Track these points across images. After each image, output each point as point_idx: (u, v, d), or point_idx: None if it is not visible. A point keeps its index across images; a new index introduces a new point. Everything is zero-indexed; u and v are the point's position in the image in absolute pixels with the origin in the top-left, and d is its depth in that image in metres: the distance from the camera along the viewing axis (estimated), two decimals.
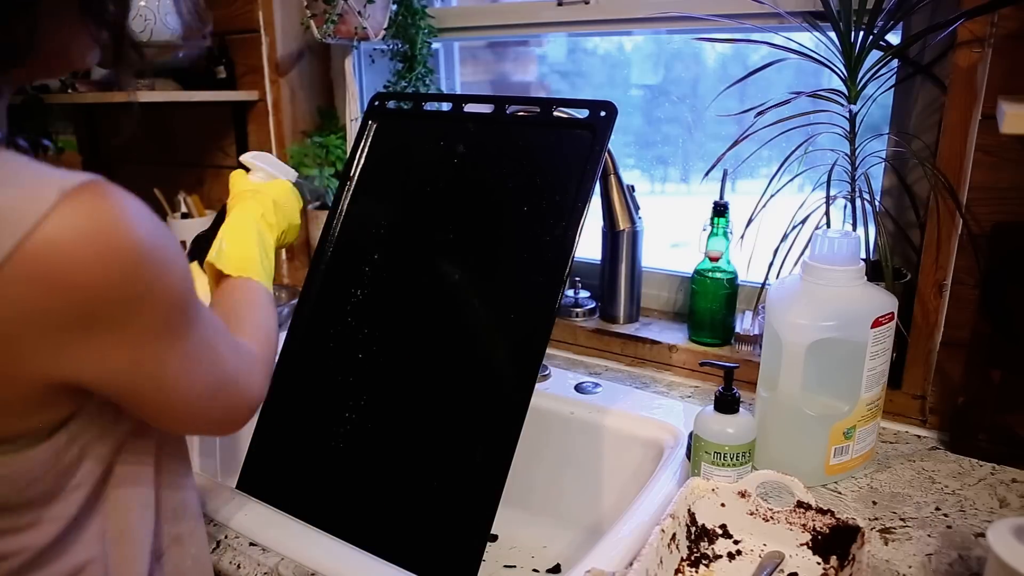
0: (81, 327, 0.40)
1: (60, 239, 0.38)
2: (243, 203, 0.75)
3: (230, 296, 0.67)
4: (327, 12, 1.17)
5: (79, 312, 0.40)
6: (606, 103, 0.77)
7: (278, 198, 0.77)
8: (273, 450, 0.85)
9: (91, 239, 0.39)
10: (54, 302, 0.39)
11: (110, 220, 0.40)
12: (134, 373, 0.45)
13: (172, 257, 0.44)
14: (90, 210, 0.39)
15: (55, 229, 0.38)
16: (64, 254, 0.38)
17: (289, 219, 0.78)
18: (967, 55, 0.75)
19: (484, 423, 0.72)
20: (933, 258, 0.82)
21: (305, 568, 0.65)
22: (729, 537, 0.67)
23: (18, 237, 0.37)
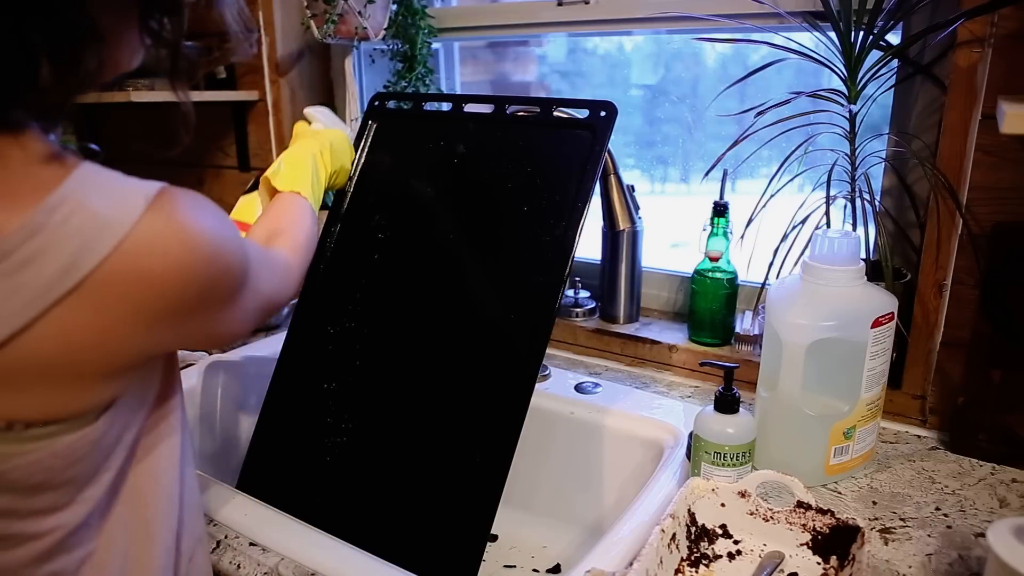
0: (170, 313, 0.46)
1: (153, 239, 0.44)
2: (303, 141, 0.83)
3: (278, 208, 0.74)
4: (327, 12, 1.17)
5: (171, 302, 0.46)
6: (606, 103, 0.77)
7: (334, 142, 0.84)
8: (273, 450, 0.85)
9: (174, 244, 0.45)
10: (150, 295, 0.44)
11: (189, 222, 0.46)
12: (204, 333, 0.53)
13: (234, 241, 0.51)
14: (170, 214, 0.45)
15: (147, 231, 0.43)
16: (156, 253, 0.44)
17: (341, 161, 0.86)
18: (967, 55, 0.75)
19: (484, 423, 0.73)
20: (933, 258, 0.82)
21: (305, 568, 0.65)
22: (729, 537, 0.67)
23: (118, 238, 0.42)
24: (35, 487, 0.47)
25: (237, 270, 0.51)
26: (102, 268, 0.42)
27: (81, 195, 0.43)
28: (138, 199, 0.44)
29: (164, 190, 0.45)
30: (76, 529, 0.50)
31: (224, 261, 0.49)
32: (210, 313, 0.50)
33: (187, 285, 0.46)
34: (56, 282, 0.41)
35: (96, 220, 0.42)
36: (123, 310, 0.44)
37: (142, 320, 0.45)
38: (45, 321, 0.41)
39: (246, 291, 0.54)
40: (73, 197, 0.42)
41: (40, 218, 0.41)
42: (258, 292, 0.57)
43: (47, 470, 0.46)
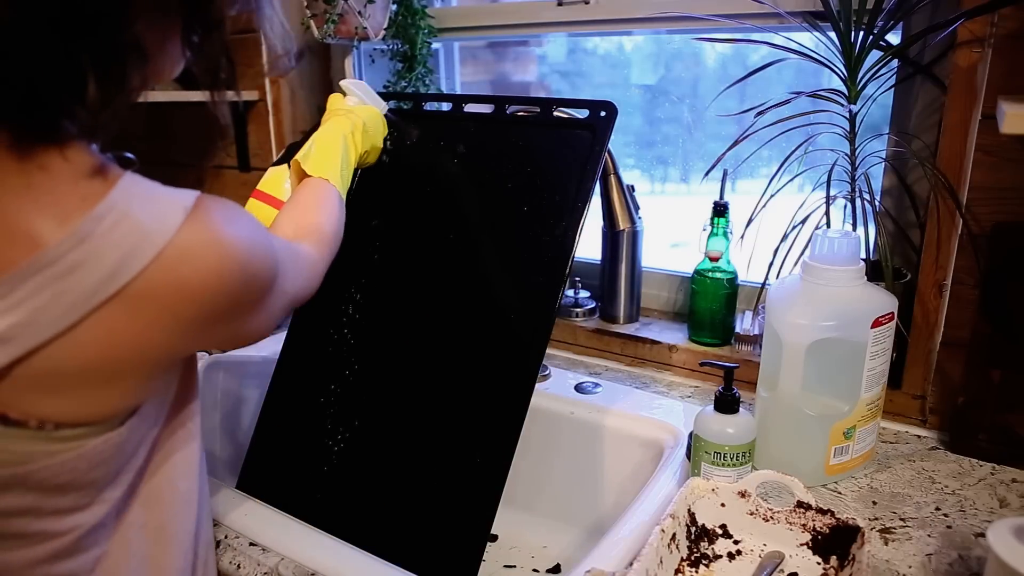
0: (204, 319, 0.48)
1: (191, 247, 0.45)
2: (335, 118, 0.82)
3: (306, 197, 0.75)
4: (327, 12, 1.17)
5: (205, 309, 0.47)
6: (606, 103, 0.77)
7: (367, 120, 0.84)
8: (273, 450, 0.85)
9: (213, 249, 0.46)
10: (186, 302, 0.46)
11: (222, 232, 0.47)
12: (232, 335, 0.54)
13: (265, 248, 0.52)
14: (206, 225, 0.46)
15: (184, 242, 0.45)
16: (193, 262, 0.45)
17: (373, 141, 0.85)
18: (967, 55, 0.75)
19: (484, 423, 0.73)
20: (933, 258, 0.82)
21: (305, 568, 0.65)
22: (729, 537, 0.67)
23: (159, 247, 0.44)
24: (60, 487, 0.48)
25: (266, 276, 0.52)
26: (143, 276, 0.43)
27: (125, 205, 0.44)
28: (177, 210, 0.45)
29: (200, 200, 0.47)
30: (92, 529, 0.51)
31: (254, 268, 0.50)
32: (240, 317, 0.52)
33: (220, 293, 0.47)
34: (99, 288, 0.43)
35: (139, 230, 0.44)
36: (160, 316, 0.45)
37: (178, 326, 0.46)
38: (86, 325, 0.43)
39: (274, 293, 0.55)
40: (119, 207, 0.44)
41: (89, 226, 0.43)
42: (284, 292, 0.58)
43: (72, 471, 0.47)
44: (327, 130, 0.80)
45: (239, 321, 0.52)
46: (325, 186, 0.75)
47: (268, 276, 0.52)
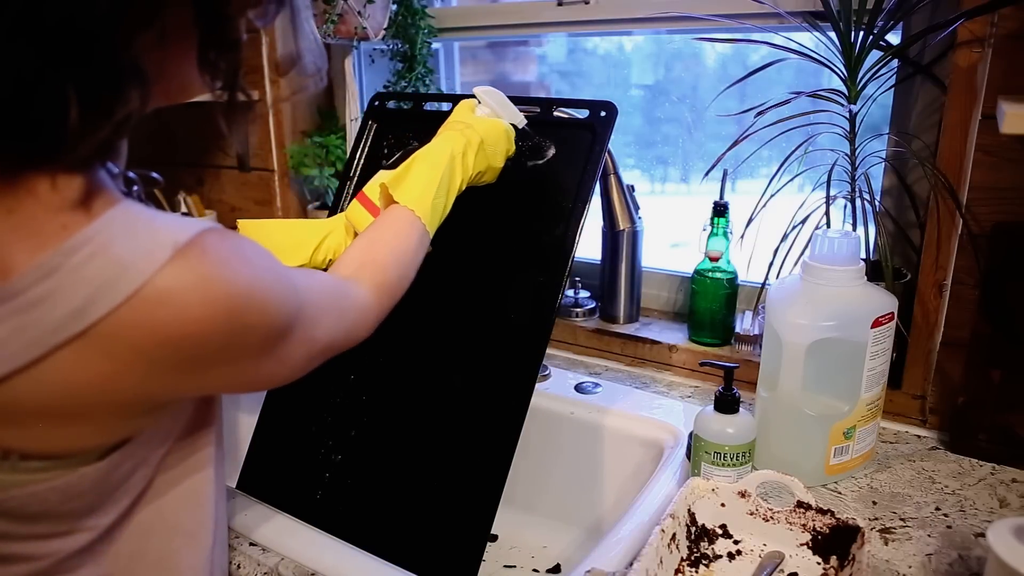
0: (185, 367, 0.44)
1: (170, 290, 0.41)
2: (449, 133, 0.74)
3: (383, 226, 0.67)
4: (327, 12, 1.17)
5: (185, 356, 0.43)
6: (606, 103, 0.77)
7: (487, 137, 0.75)
8: (273, 450, 0.85)
9: (197, 292, 0.42)
10: (162, 348, 0.42)
11: (214, 275, 0.43)
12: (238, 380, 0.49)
13: (272, 291, 0.47)
14: (197, 265, 0.42)
15: (166, 282, 0.41)
16: (173, 304, 0.41)
17: (490, 161, 0.75)
18: (967, 55, 0.75)
19: (484, 423, 0.73)
20: (933, 258, 0.82)
21: (305, 568, 0.65)
22: (729, 537, 0.67)
23: (135, 286, 0.40)
24: (32, 516, 0.46)
25: (273, 322, 0.47)
26: (114, 316, 0.40)
27: (106, 239, 0.41)
28: (165, 246, 0.42)
29: (200, 236, 0.43)
30: (74, 555, 0.49)
31: (250, 318, 0.45)
32: (239, 364, 0.47)
33: (205, 340, 0.43)
34: (63, 325, 0.40)
35: (115, 266, 0.41)
36: (132, 359, 0.42)
37: (153, 371, 0.43)
38: (48, 363, 0.41)
39: (291, 341, 0.50)
40: (97, 240, 0.41)
41: (57, 259, 0.40)
42: (312, 340, 0.53)
43: (43, 502, 0.46)
44: (432, 149, 0.71)
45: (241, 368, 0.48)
46: (408, 219, 0.67)
47: (274, 322, 0.47)
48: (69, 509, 0.47)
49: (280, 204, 1.42)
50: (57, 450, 0.45)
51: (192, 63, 0.47)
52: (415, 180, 0.68)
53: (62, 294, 0.40)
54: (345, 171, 0.91)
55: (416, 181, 0.68)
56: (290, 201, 1.42)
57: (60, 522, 0.48)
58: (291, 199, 1.42)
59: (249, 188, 1.46)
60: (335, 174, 1.33)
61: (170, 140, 1.56)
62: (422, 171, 0.69)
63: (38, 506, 0.46)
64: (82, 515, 0.48)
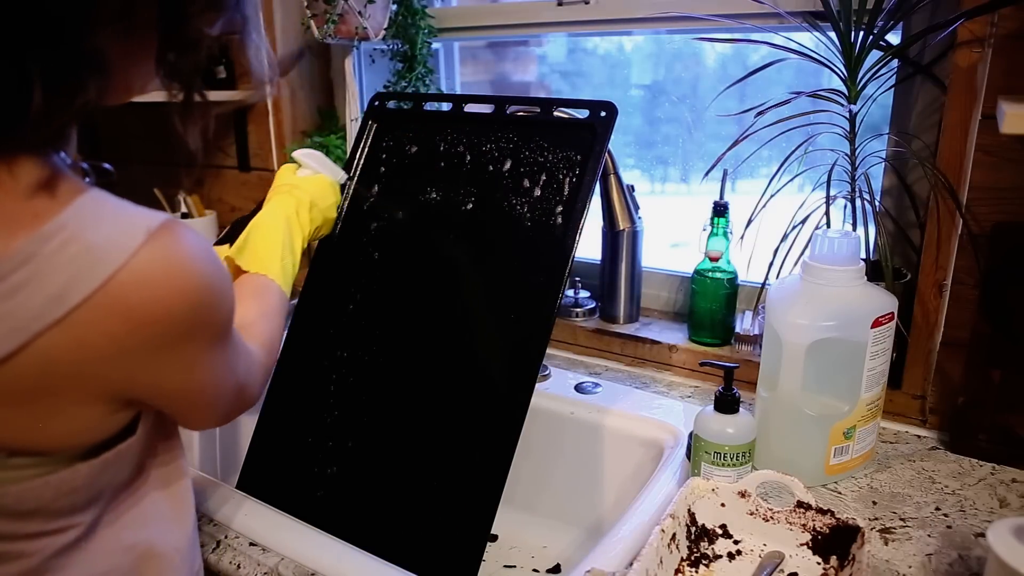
0: (155, 350, 0.45)
1: (145, 274, 0.43)
2: (279, 197, 0.78)
3: (243, 293, 0.69)
4: (327, 12, 1.17)
5: (156, 338, 0.45)
6: (606, 103, 0.77)
7: (315, 194, 0.80)
8: (273, 450, 0.85)
9: (170, 275, 0.44)
10: (137, 330, 0.43)
11: (185, 258, 0.45)
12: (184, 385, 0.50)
13: (226, 287, 0.49)
14: (169, 249, 0.44)
15: (141, 265, 0.42)
16: (147, 288, 0.43)
17: (324, 215, 0.82)
18: (967, 55, 0.75)
19: (484, 423, 0.73)
20: (933, 258, 0.82)
21: (305, 568, 0.65)
22: (729, 537, 0.67)
23: (110, 271, 0.41)
24: (26, 513, 0.47)
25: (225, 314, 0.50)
26: (90, 302, 0.41)
27: (78, 225, 0.42)
28: (137, 231, 0.43)
29: (168, 223, 0.44)
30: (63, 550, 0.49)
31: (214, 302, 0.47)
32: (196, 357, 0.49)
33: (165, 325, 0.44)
34: (43, 312, 0.40)
35: (91, 252, 0.41)
36: (104, 344, 0.43)
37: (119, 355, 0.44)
38: (28, 351, 0.41)
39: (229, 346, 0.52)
40: (71, 227, 0.42)
41: (33, 247, 0.41)
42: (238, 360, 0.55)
43: (38, 498, 0.46)
44: (267, 216, 0.75)
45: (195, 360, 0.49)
46: (263, 283, 0.71)
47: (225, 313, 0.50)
48: (62, 506, 0.48)
49: None
50: (41, 446, 0.45)
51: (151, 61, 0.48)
52: (257, 247, 0.73)
53: (40, 281, 0.40)
54: (345, 171, 0.91)
55: (258, 247, 0.72)
56: None
57: (53, 519, 0.48)
58: None
59: (249, 188, 1.46)
60: None
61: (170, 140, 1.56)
62: (262, 237, 0.73)
63: (33, 502, 0.46)
64: (74, 512, 0.49)
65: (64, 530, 0.49)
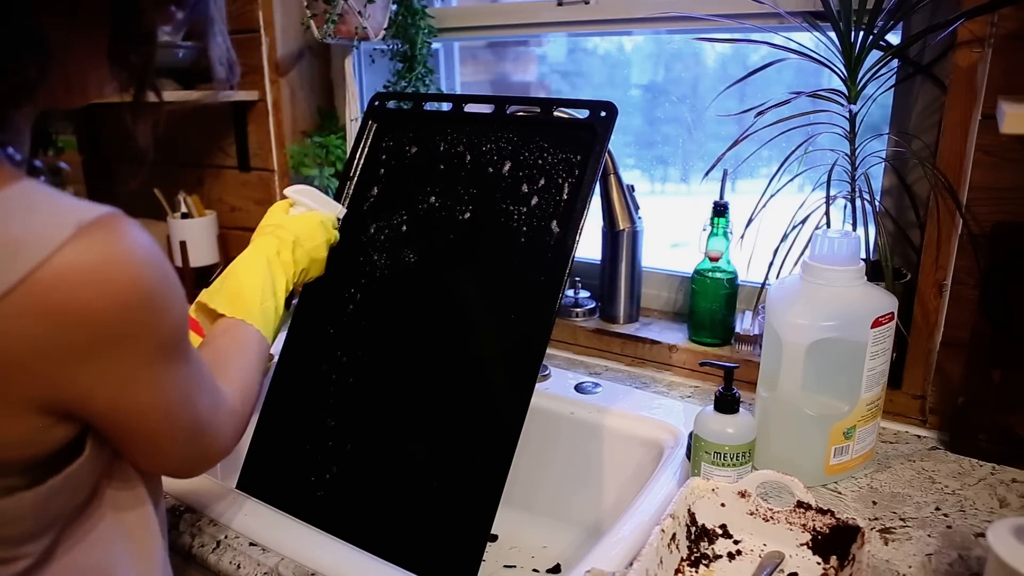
0: (79, 356, 0.41)
1: (69, 271, 0.39)
2: (261, 239, 0.75)
3: (220, 338, 0.66)
4: (327, 12, 1.17)
5: (79, 343, 0.41)
6: (606, 103, 0.77)
7: (301, 233, 0.76)
8: (273, 450, 0.85)
9: (99, 274, 0.40)
10: (57, 332, 0.39)
11: (119, 257, 0.40)
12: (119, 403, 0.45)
13: (172, 296, 0.45)
14: (102, 246, 0.40)
15: (65, 261, 0.38)
16: (71, 286, 0.39)
17: (311, 255, 0.78)
18: (967, 55, 0.75)
19: (484, 423, 0.72)
20: (933, 258, 0.82)
21: (305, 568, 0.65)
22: (729, 537, 0.67)
23: (30, 266, 0.38)
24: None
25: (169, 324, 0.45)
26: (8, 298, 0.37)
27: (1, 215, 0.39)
28: (67, 225, 0.39)
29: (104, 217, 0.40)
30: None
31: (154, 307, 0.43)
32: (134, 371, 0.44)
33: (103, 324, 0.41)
34: None
35: (10, 244, 0.38)
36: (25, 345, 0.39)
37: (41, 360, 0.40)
38: None
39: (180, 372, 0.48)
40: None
41: None
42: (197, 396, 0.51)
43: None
44: (247, 257, 0.72)
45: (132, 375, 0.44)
46: (240, 328, 0.67)
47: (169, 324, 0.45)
48: (8, 534, 0.45)
49: None
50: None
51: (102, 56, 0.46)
52: (233, 289, 0.69)
53: None
54: (345, 171, 0.91)
55: (235, 290, 0.69)
56: None
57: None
58: None
59: (249, 188, 1.46)
60: (335, 174, 1.33)
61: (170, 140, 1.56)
62: (239, 279, 0.70)
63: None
64: (23, 541, 0.46)
65: (12, 560, 0.45)
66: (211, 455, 0.57)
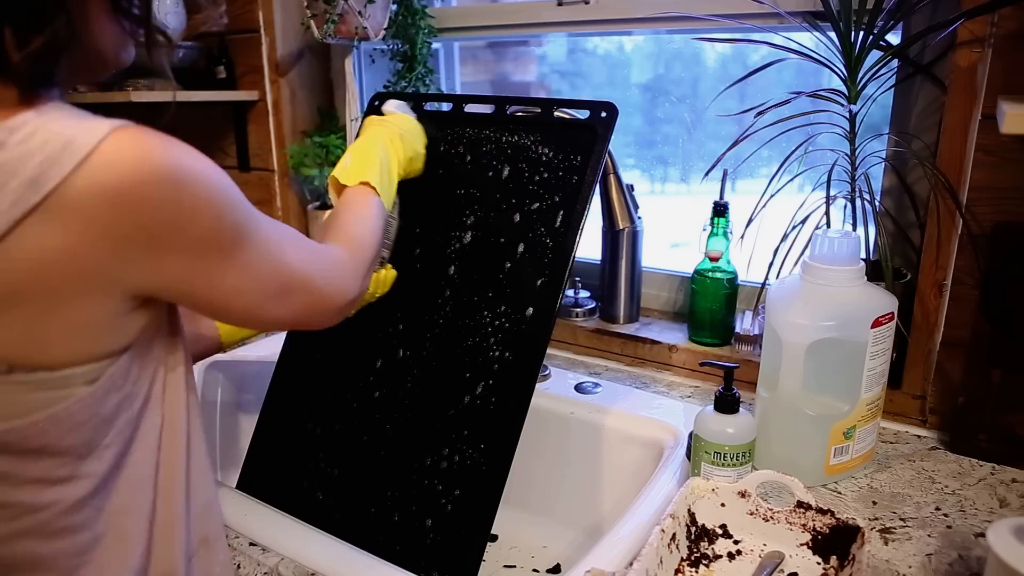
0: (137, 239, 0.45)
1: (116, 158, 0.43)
2: (372, 128, 0.81)
3: (341, 207, 0.72)
4: (327, 12, 1.17)
5: (134, 224, 0.44)
6: (607, 104, 0.77)
7: (404, 129, 0.82)
8: (273, 450, 0.85)
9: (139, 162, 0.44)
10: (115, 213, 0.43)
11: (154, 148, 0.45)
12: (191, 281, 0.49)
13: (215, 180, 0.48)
14: (137, 139, 0.44)
15: (111, 150, 0.43)
16: (121, 170, 0.43)
17: (414, 147, 0.83)
18: (967, 55, 0.75)
19: (484, 423, 0.73)
20: (933, 258, 0.82)
21: (305, 568, 0.65)
22: (729, 537, 0.67)
23: (83, 154, 0.42)
24: (33, 452, 0.47)
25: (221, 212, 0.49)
26: (67, 184, 0.42)
27: (45, 118, 0.44)
28: (105, 125, 0.44)
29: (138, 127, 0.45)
30: (75, 507, 0.49)
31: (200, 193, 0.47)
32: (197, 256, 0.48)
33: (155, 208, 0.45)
34: (21, 198, 0.41)
35: (60, 138, 0.43)
36: (89, 229, 0.43)
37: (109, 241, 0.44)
38: (13, 239, 0.42)
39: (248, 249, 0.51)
40: (36, 121, 0.43)
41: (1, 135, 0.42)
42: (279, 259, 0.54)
43: (43, 434, 0.46)
44: (363, 139, 0.78)
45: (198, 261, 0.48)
46: (363, 192, 0.73)
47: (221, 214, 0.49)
48: (68, 445, 0.48)
49: (280, 204, 1.42)
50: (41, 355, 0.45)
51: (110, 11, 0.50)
52: (356, 164, 0.74)
53: (12, 167, 0.42)
54: None
55: (357, 164, 0.74)
56: (290, 201, 1.42)
57: (61, 462, 0.48)
58: (291, 199, 1.42)
59: (249, 188, 1.46)
60: None
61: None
62: (359, 155, 0.75)
63: (37, 439, 0.46)
64: (80, 455, 0.49)
65: (72, 480, 0.49)
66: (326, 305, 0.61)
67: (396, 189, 0.78)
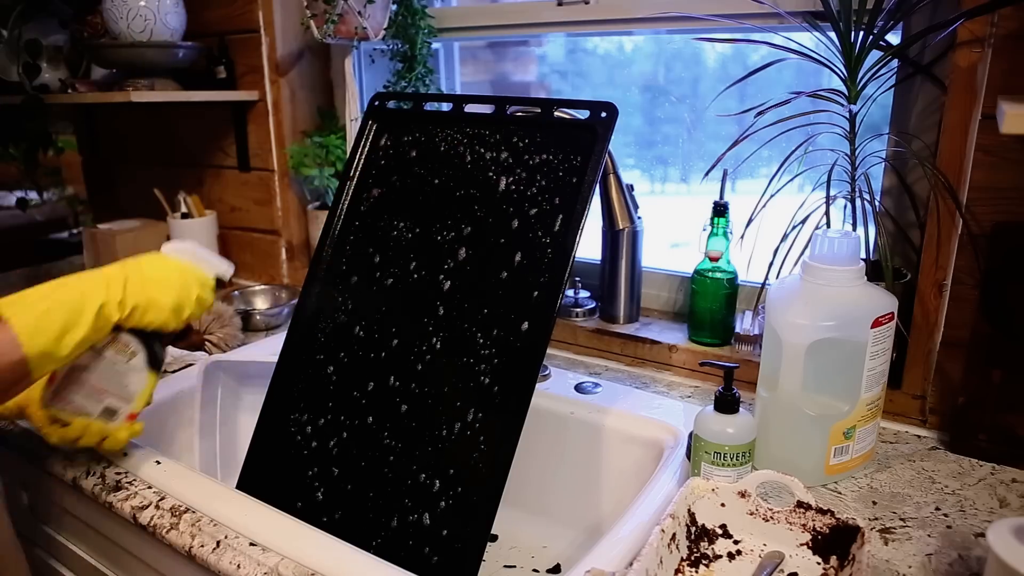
0: None
1: None
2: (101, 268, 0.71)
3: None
4: (327, 12, 1.17)
5: None
6: (607, 104, 0.77)
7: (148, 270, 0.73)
8: (273, 450, 0.85)
9: None
10: None
11: None
12: None
13: None
14: None
15: None
16: None
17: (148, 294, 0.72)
18: (967, 55, 0.75)
19: (484, 423, 0.73)
20: (933, 258, 0.82)
21: (305, 568, 0.65)
22: (729, 537, 0.67)
23: None
24: None
25: None
26: None
27: None
28: None
29: None
30: None
31: None
32: None
33: None
34: None
35: None
36: None
37: None
38: None
39: None
40: None
41: None
42: None
43: None
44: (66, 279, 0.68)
45: None
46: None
47: None
48: None
49: (280, 204, 1.42)
50: None
51: None
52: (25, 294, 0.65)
53: None
54: (345, 171, 0.91)
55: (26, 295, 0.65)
56: (290, 201, 1.42)
57: None
58: (291, 199, 1.42)
59: (249, 188, 1.46)
60: (335, 174, 1.33)
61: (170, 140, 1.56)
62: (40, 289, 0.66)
63: None
64: None
65: None
66: None
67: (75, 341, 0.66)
